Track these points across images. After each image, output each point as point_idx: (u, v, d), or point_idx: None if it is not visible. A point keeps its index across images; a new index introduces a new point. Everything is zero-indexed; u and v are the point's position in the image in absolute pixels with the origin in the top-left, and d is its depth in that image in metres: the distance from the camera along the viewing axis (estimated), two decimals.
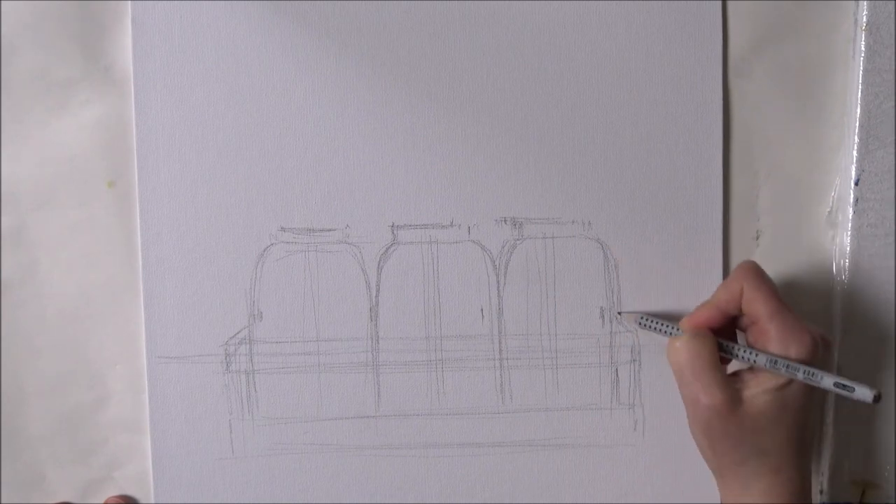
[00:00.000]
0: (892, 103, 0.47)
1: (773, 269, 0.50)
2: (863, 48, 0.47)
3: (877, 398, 0.40)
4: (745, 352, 0.43)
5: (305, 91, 0.48)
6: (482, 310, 0.49)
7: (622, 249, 0.49)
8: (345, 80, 0.48)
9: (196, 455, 0.49)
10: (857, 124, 0.48)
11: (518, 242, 0.49)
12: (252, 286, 0.48)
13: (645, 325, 0.47)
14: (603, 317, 0.49)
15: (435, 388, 0.49)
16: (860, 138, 0.48)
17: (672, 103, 0.48)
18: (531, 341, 0.49)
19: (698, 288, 0.49)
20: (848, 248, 0.49)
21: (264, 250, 0.48)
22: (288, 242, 0.48)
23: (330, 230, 0.48)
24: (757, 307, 0.43)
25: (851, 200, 0.48)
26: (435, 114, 0.48)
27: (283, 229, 0.48)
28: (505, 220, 0.49)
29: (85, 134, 0.48)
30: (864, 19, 0.47)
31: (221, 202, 0.48)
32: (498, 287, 0.49)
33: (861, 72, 0.47)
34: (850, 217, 0.48)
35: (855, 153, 0.48)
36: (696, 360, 0.42)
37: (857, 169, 0.48)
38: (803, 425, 0.43)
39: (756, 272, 0.44)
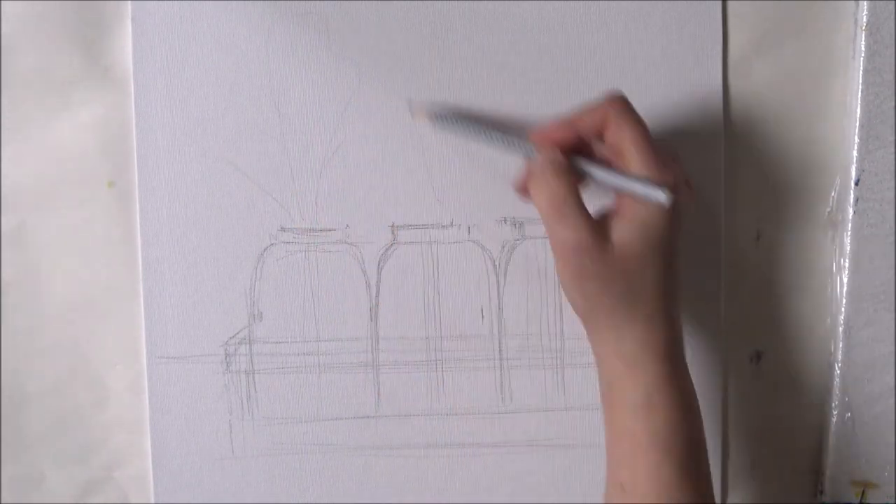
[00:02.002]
0: (892, 103, 0.47)
1: (773, 269, 0.50)
2: (863, 48, 0.47)
3: (669, 199, 0.39)
4: (603, 172, 0.42)
5: (305, 91, 0.48)
6: (482, 310, 0.49)
7: None
8: (345, 80, 0.48)
9: (196, 455, 0.49)
10: (857, 124, 0.48)
11: (518, 242, 0.49)
12: (252, 286, 0.48)
13: (457, 129, 0.45)
14: None
15: (435, 388, 0.49)
16: (860, 138, 0.48)
17: (672, 103, 0.48)
18: (531, 341, 0.49)
19: (699, 289, 0.49)
20: (848, 248, 0.49)
21: (264, 250, 0.48)
22: (288, 242, 0.48)
23: (330, 230, 0.48)
24: (624, 136, 0.41)
25: (851, 200, 0.48)
26: None
27: (283, 229, 0.48)
28: (505, 220, 0.49)
29: (85, 134, 0.48)
30: (864, 19, 0.47)
31: (221, 202, 0.48)
32: (498, 287, 0.49)
33: (861, 72, 0.47)
34: (850, 217, 0.48)
35: (855, 153, 0.48)
36: (568, 197, 0.41)
37: (857, 169, 0.48)
38: (670, 268, 0.41)
39: (625, 102, 0.42)
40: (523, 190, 0.44)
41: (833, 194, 0.49)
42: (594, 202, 0.43)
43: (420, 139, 0.48)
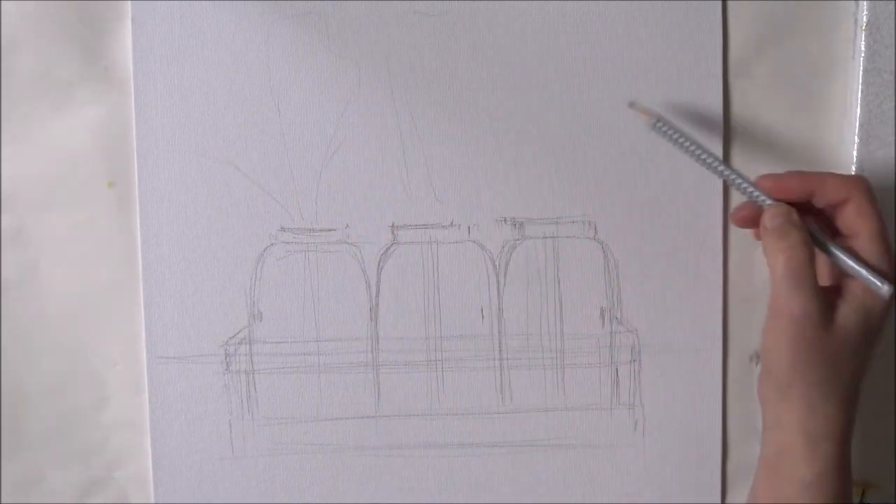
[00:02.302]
0: (892, 103, 0.47)
1: None
2: (863, 48, 0.47)
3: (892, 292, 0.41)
4: (841, 254, 0.42)
5: (305, 91, 0.48)
6: (482, 310, 0.49)
7: (622, 250, 0.49)
8: (345, 80, 0.48)
9: (196, 455, 0.49)
10: (857, 124, 0.48)
11: (518, 242, 0.49)
12: (252, 286, 0.48)
13: (676, 142, 0.45)
14: (603, 317, 0.49)
15: (435, 388, 0.49)
16: (860, 138, 0.48)
17: (672, 103, 0.48)
18: (531, 341, 0.49)
19: (699, 289, 0.49)
20: None
21: (264, 250, 0.48)
22: (288, 242, 0.48)
23: (330, 230, 0.48)
24: (864, 221, 0.42)
25: None
26: (435, 114, 0.48)
27: (283, 229, 0.48)
28: (505, 220, 0.49)
29: (85, 134, 0.48)
30: (864, 19, 0.47)
31: (221, 202, 0.48)
32: (498, 287, 0.49)
33: (861, 72, 0.47)
34: None
35: (855, 153, 0.48)
36: (801, 266, 0.41)
37: (857, 169, 0.48)
38: (872, 359, 0.42)
39: (870, 188, 0.42)
40: (744, 222, 0.45)
41: None
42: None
43: (420, 139, 0.48)
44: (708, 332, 0.49)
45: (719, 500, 0.51)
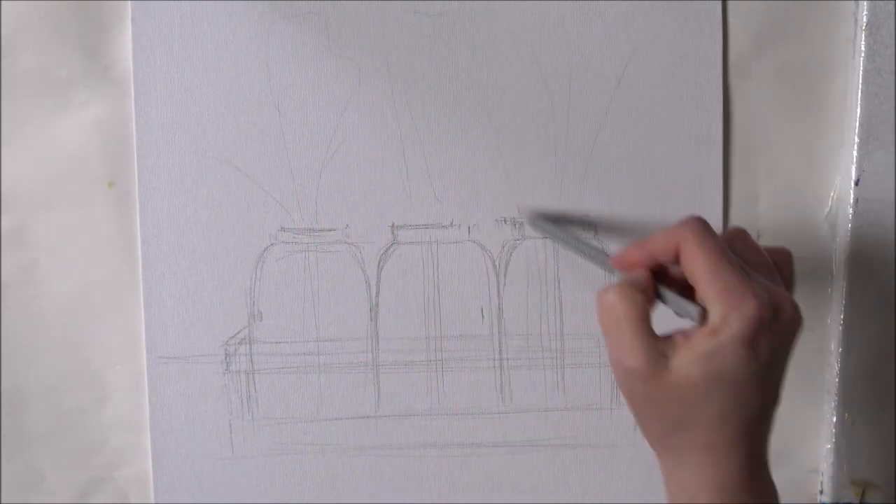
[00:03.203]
0: (892, 103, 0.47)
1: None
2: (863, 48, 0.47)
3: (701, 316, 0.38)
4: (675, 300, 0.39)
5: (305, 91, 0.48)
6: (482, 310, 0.49)
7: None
8: (345, 80, 0.48)
9: (196, 455, 0.49)
10: (857, 124, 0.48)
11: (518, 242, 0.49)
12: (252, 286, 0.49)
13: (552, 236, 0.46)
14: None
15: (435, 388, 0.49)
16: (860, 138, 0.48)
17: (672, 103, 0.48)
18: (531, 341, 0.49)
19: None
20: (848, 248, 0.49)
21: (264, 250, 0.48)
22: (288, 242, 0.48)
23: (330, 230, 0.48)
24: (695, 269, 0.38)
25: (851, 200, 0.48)
26: (435, 113, 0.48)
27: (283, 229, 0.48)
28: (505, 220, 0.49)
29: (85, 134, 0.48)
30: (864, 19, 0.47)
31: (221, 202, 0.48)
32: (498, 287, 0.49)
33: (861, 72, 0.47)
34: (850, 217, 0.48)
35: (855, 153, 0.48)
36: (625, 318, 0.38)
37: (857, 169, 0.48)
38: (746, 403, 0.37)
39: (699, 228, 0.38)
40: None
41: (833, 194, 0.49)
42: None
43: (420, 139, 0.48)
44: None
45: None
